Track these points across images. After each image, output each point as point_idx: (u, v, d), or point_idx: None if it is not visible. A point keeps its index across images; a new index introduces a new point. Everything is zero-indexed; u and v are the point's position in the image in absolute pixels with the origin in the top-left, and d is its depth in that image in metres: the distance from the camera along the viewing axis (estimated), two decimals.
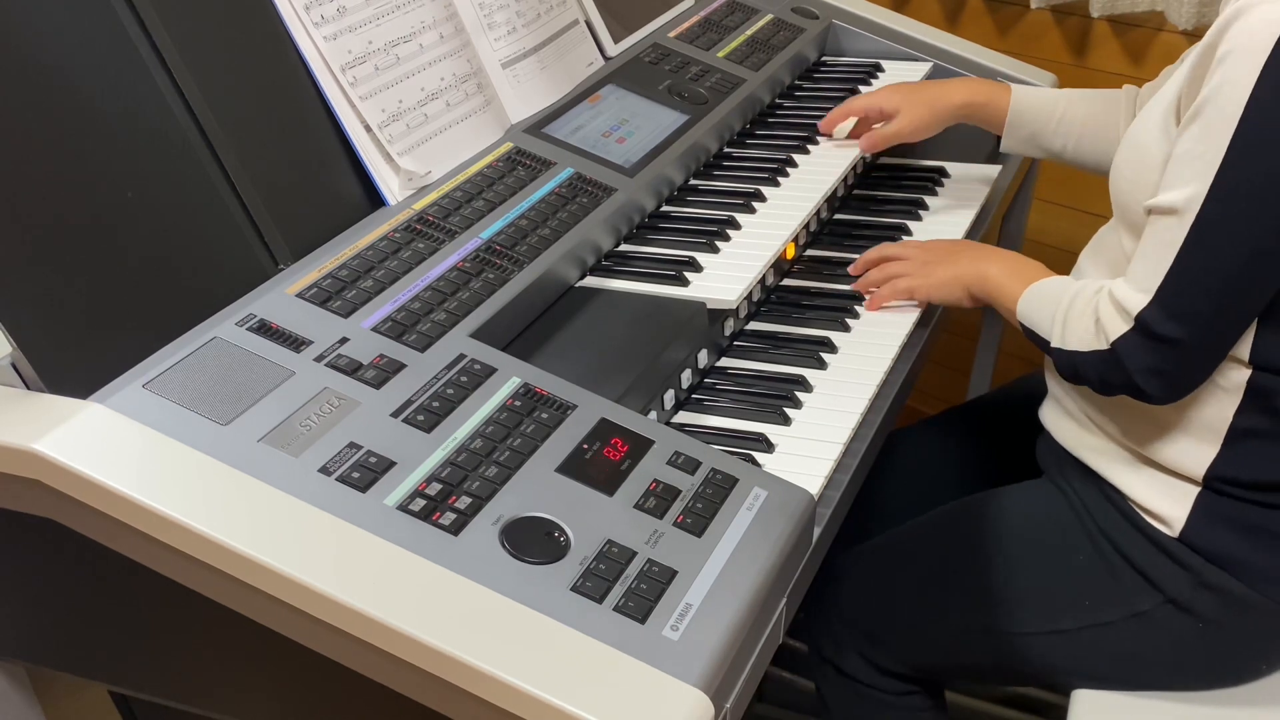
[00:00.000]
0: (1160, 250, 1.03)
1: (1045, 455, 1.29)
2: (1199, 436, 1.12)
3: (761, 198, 1.41)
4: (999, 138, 1.49)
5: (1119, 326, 1.07)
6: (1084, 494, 1.21)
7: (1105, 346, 1.08)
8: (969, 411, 1.60)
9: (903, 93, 1.50)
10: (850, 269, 1.38)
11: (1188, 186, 1.01)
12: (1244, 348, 1.08)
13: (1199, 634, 1.16)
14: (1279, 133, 0.96)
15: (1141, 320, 1.05)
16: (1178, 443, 1.13)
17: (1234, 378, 1.09)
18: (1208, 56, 1.00)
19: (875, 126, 1.51)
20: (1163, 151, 1.07)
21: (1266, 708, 1.20)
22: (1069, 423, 1.23)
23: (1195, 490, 1.13)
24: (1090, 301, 1.11)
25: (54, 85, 0.96)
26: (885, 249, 1.37)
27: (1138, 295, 1.05)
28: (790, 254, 1.43)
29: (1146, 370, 1.06)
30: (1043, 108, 1.45)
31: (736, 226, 1.35)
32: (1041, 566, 1.22)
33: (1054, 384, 1.27)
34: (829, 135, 1.54)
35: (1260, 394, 1.09)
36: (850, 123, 1.54)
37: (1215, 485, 1.12)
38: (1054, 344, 1.14)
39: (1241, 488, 1.12)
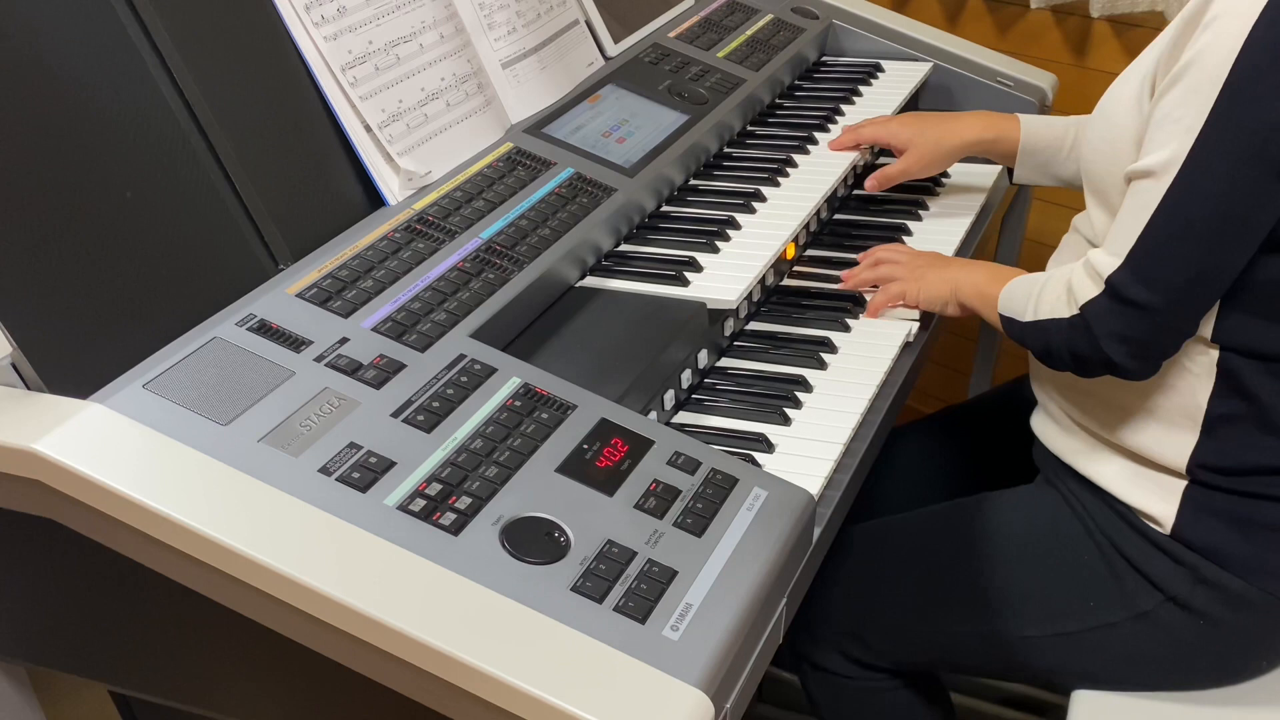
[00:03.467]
0: (1135, 214, 1.04)
1: (1041, 458, 1.30)
2: (1178, 424, 1.13)
3: (761, 198, 1.41)
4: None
5: (1089, 290, 1.08)
6: (1081, 496, 1.21)
7: (1075, 312, 1.09)
8: (965, 412, 1.60)
9: (914, 127, 1.48)
10: (843, 276, 1.37)
11: (1165, 149, 1.01)
12: (1207, 327, 1.08)
13: (1200, 632, 1.16)
14: (1259, 98, 0.96)
15: (1111, 284, 1.05)
16: (1158, 433, 1.13)
17: (1202, 360, 1.10)
18: (1190, 25, 1.01)
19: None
20: (1136, 124, 1.07)
21: (1266, 707, 1.20)
22: (1054, 428, 1.24)
23: (1182, 484, 1.14)
24: (1065, 273, 1.12)
25: (54, 85, 0.96)
26: (878, 250, 1.37)
27: (1110, 259, 1.06)
28: (790, 254, 1.43)
29: (1112, 335, 1.06)
30: (1053, 137, 1.44)
31: (736, 226, 1.35)
32: (1043, 569, 1.22)
33: (1040, 391, 1.27)
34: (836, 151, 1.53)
35: (1230, 375, 1.10)
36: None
37: (1200, 476, 1.13)
38: (1027, 319, 1.15)
39: (1225, 475, 1.13)
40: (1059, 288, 1.12)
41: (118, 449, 0.86)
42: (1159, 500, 1.15)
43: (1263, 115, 0.97)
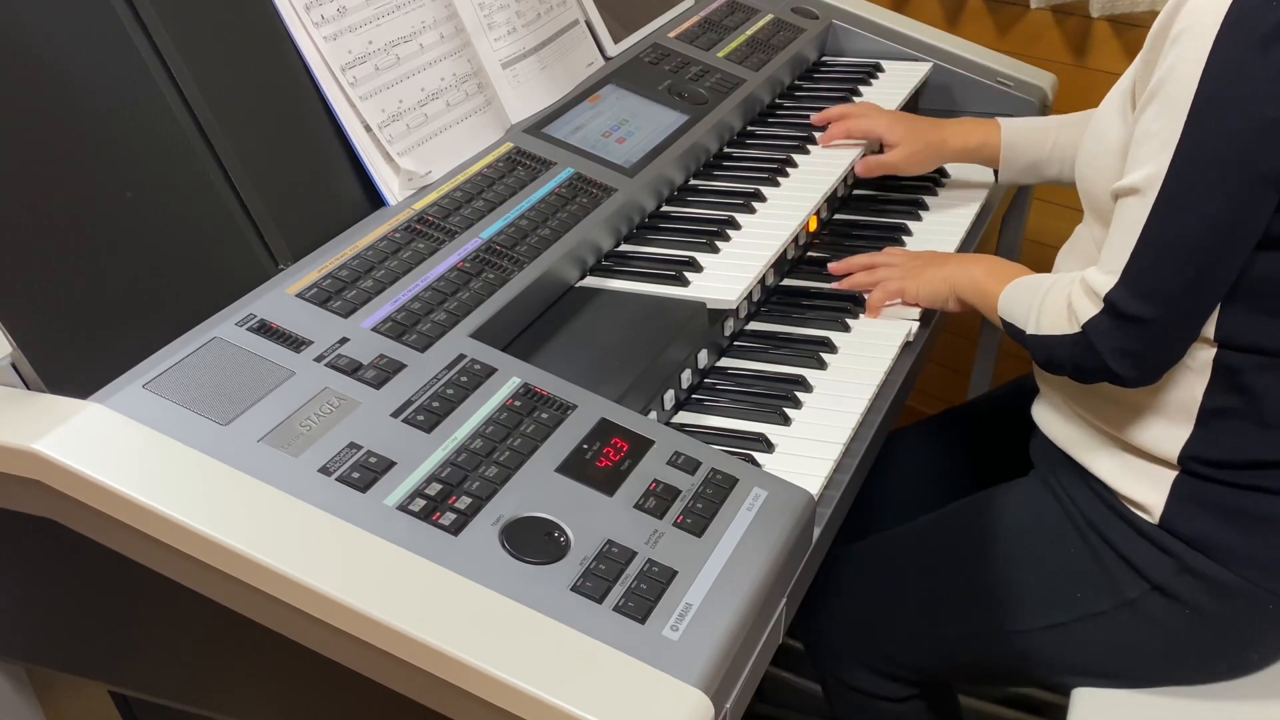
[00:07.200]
0: (1125, 231, 1.05)
1: (1037, 452, 1.31)
2: (1172, 418, 1.13)
3: (761, 198, 1.41)
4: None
5: (1089, 309, 1.09)
6: (1070, 487, 1.22)
7: (1076, 330, 1.10)
8: (965, 412, 1.60)
9: (906, 126, 1.51)
10: (832, 268, 1.38)
11: (1147, 165, 1.03)
12: (1209, 326, 1.09)
13: (1186, 621, 1.17)
14: (1231, 106, 0.98)
15: (1110, 301, 1.07)
16: (1153, 425, 1.14)
17: (1200, 356, 1.11)
18: (1160, 39, 1.03)
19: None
20: (1121, 137, 1.09)
21: (1266, 702, 1.20)
22: (1054, 416, 1.25)
23: (1172, 474, 1.15)
24: (1065, 288, 1.13)
25: (54, 85, 0.96)
26: (873, 256, 1.38)
27: (1106, 277, 1.07)
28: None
29: (1116, 351, 1.07)
30: (1034, 139, 1.47)
31: (736, 226, 1.35)
32: (1032, 562, 1.23)
33: (1041, 379, 1.29)
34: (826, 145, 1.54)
35: (1227, 372, 1.10)
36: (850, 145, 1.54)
37: (1191, 467, 1.14)
38: (1029, 331, 1.16)
39: (1216, 467, 1.13)
40: (1059, 304, 1.13)
41: (118, 449, 0.86)
42: (1149, 489, 1.16)
43: (1235, 124, 0.99)
